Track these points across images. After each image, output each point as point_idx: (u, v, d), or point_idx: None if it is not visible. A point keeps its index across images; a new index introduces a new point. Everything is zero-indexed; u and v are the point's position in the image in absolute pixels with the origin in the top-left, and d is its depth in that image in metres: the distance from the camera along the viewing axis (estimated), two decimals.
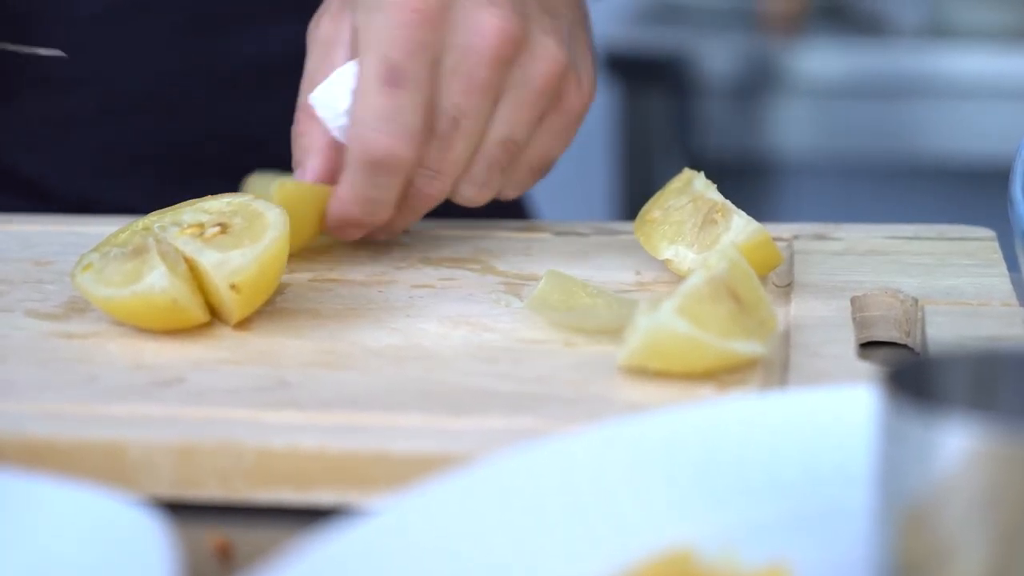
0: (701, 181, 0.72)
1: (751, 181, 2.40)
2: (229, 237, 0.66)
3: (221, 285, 0.65)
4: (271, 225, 0.66)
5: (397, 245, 0.77)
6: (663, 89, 2.12)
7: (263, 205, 0.67)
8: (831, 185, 2.42)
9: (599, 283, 0.70)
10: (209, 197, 0.69)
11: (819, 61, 2.10)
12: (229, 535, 0.54)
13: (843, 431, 0.51)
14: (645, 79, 2.12)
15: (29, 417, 0.58)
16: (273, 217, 0.66)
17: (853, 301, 0.69)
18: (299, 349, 0.65)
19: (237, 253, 0.65)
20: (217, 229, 0.66)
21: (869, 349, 0.67)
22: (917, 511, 0.43)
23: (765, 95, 2.10)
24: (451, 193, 0.73)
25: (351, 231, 0.73)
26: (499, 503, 0.48)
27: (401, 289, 0.72)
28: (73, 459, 0.56)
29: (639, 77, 2.12)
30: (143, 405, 0.59)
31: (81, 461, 0.56)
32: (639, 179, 2.17)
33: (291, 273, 0.73)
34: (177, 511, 0.54)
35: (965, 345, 0.54)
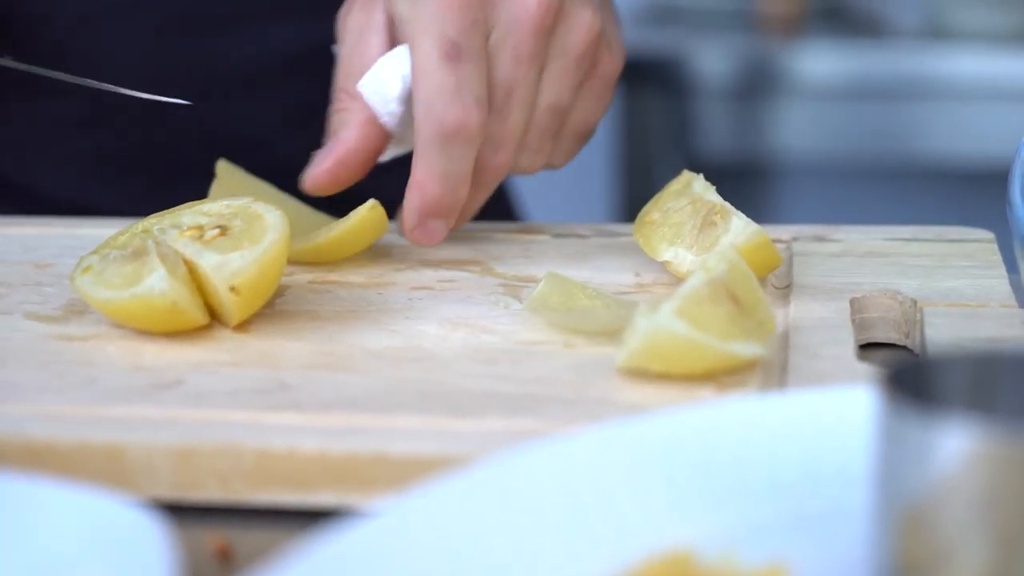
0: (700, 183, 0.72)
1: (750, 183, 2.40)
2: (228, 239, 0.66)
3: (220, 287, 0.65)
4: (270, 227, 0.66)
5: (396, 247, 0.77)
6: (662, 91, 2.12)
7: (263, 207, 0.67)
8: (830, 187, 2.42)
9: (598, 285, 0.71)
10: (208, 199, 0.69)
11: (818, 63, 2.10)
12: (229, 537, 0.54)
13: (842, 432, 0.51)
14: (644, 81, 2.12)
15: (29, 419, 0.58)
16: (272, 219, 0.66)
17: (852, 303, 0.69)
18: (299, 351, 0.65)
19: (236, 255, 0.65)
20: (217, 231, 0.66)
21: (868, 350, 0.67)
22: (916, 512, 0.43)
23: (764, 97, 2.10)
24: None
25: (433, 227, 0.74)
26: (499, 504, 0.48)
27: (400, 291, 0.72)
28: (73, 461, 0.56)
29: (638, 79, 2.12)
30: (143, 407, 0.59)
31: (81, 463, 0.56)
32: (638, 181, 2.17)
33: (290, 275, 0.73)
34: (177, 513, 0.54)
35: (964, 346, 0.54)
